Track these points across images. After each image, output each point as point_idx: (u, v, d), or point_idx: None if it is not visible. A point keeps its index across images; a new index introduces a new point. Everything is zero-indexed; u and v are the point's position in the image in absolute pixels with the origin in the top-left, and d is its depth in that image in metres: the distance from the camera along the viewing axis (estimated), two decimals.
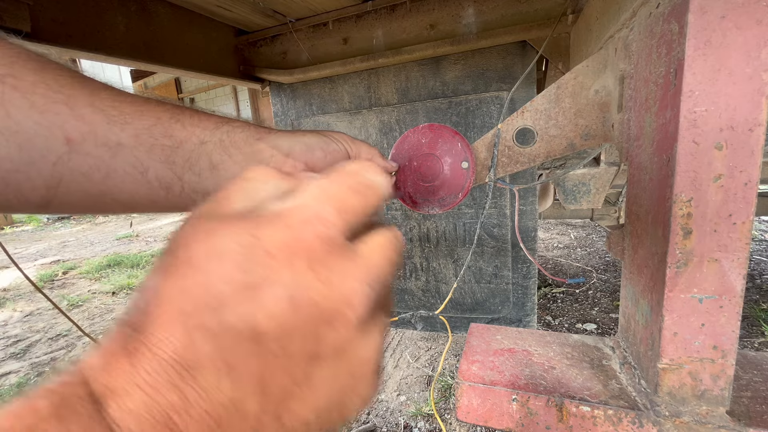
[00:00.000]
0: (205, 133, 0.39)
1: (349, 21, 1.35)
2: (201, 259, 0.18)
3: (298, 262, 0.18)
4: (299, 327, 0.18)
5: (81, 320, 2.55)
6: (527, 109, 0.61)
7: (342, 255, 0.19)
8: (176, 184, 0.37)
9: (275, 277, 0.18)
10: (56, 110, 0.30)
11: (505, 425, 0.50)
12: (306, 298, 0.18)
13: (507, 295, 1.59)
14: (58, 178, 0.31)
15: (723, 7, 0.35)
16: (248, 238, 0.18)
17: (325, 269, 0.18)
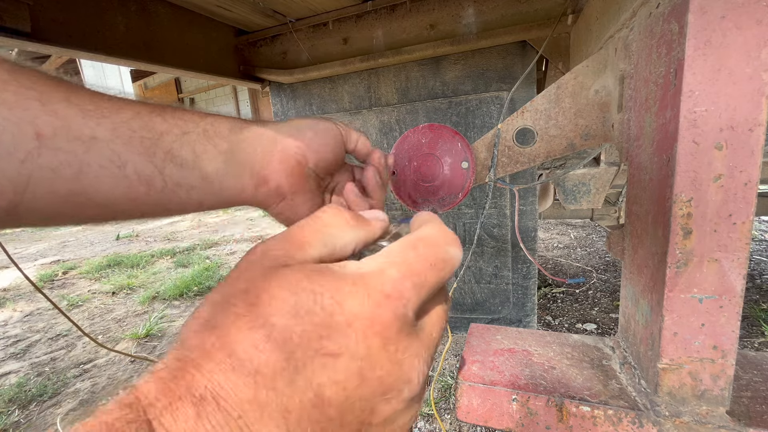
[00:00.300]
0: (188, 124, 0.37)
1: (349, 21, 1.35)
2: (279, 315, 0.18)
3: (373, 340, 0.18)
4: (361, 400, 0.18)
5: (81, 320, 2.55)
6: (527, 109, 0.61)
7: (411, 334, 0.20)
8: (157, 178, 0.35)
9: (350, 350, 0.18)
10: (27, 106, 0.28)
11: (505, 425, 0.50)
12: (374, 375, 0.18)
13: (507, 296, 1.59)
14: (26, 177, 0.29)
15: (723, 7, 0.35)
16: (330, 302, 0.18)
17: (396, 350, 0.19)
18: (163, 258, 3.90)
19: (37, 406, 1.72)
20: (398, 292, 0.19)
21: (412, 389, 0.20)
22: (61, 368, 1.99)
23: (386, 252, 0.21)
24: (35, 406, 1.73)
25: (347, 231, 0.23)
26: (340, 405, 0.18)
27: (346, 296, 0.18)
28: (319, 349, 0.18)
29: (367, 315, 0.18)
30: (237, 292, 0.19)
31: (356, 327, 0.18)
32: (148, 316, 2.49)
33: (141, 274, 3.42)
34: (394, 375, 0.19)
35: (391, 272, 0.20)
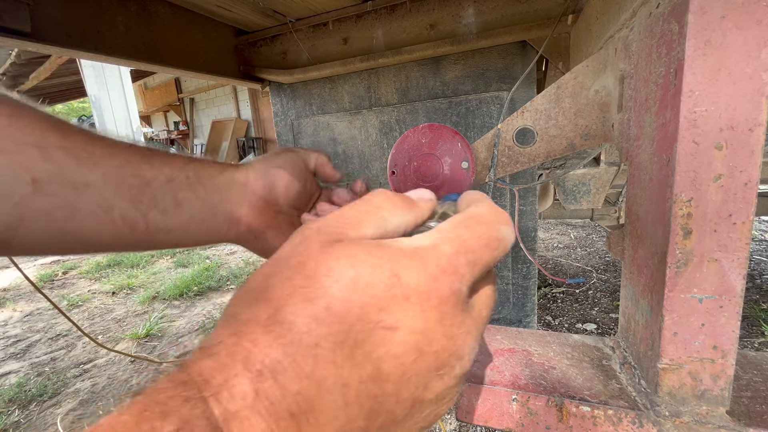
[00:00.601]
0: (174, 171, 0.40)
1: (349, 21, 1.35)
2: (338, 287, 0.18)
3: (430, 313, 0.18)
4: (417, 375, 0.18)
5: (81, 320, 2.55)
6: (527, 109, 0.61)
7: (464, 310, 0.20)
8: (140, 222, 0.38)
9: (408, 323, 0.18)
10: (26, 152, 0.30)
11: (505, 425, 0.50)
12: (430, 350, 0.18)
13: (507, 296, 1.59)
14: (18, 218, 0.30)
15: (723, 7, 0.35)
16: (389, 275, 0.18)
17: (451, 325, 0.19)
18: (163, 258, 3.90)
19: (37, 406, 1.72)
20: (453, 267, 0.19)
21: (463, 366, 0.20)
22: (61, 368, 1.99)
23: (439, 229, 0.21)
24: (35, 406, 1.73)
25: (397, 213, 0.23)
26: (398, 380, 0.18)
27: (403, 269, 0.18)
28: (378, 322, 0.17)
29: (424, 288, 0.18)
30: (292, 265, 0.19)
31: (414, 300, 0.18)
32: (148, 316, 2.49)
33: (141, 274, 3.42)
34: (449, 350, 0.19)
35: (445, 248, 0.20)
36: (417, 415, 0.20)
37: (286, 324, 0.17)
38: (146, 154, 0.38)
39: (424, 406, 0.19)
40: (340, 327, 0.17)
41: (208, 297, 2.83)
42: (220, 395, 0.16)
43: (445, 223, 0.22)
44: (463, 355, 0.20)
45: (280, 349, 0.17)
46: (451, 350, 0.19)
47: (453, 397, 0.21)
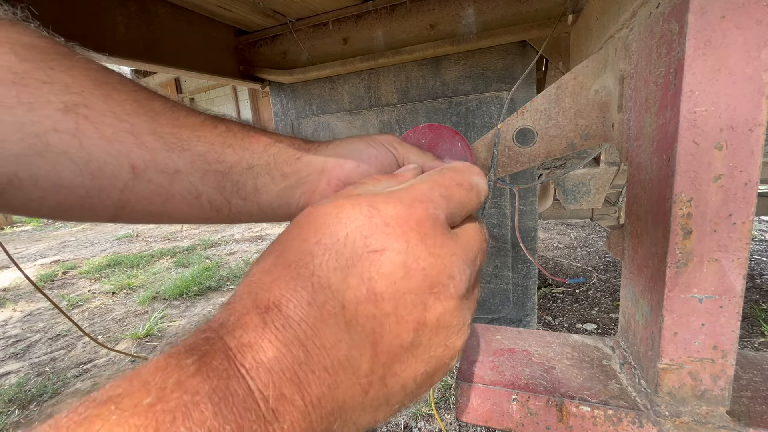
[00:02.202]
0: (254, 157, 0.41)
1: (349, 21, 1.35)
2: (327, 226, 0.20)
3: (411, 234, 0.20)
4: (410, 291, 0.20)
5: (81, 320, 2.55)
6: (527, 109, 0.61)
7: (445, 234, 0.22)
8: (225, 206, 0.40)
9: (393, 245, 0.20)
10: (122, 139, 0.31)
11: (505, 425, 0.50)
12: (417, 266, 0.20)
13: (507, 295, 1.59)
14: (124, 202, 0.33)
15: (723, 7, 0.35)
16: (368, 208, 0.21)
17: (434, 245, 0.21)
18: (163, 258, 3.90)
19: (37, 406, 1.72)
20: (427, 197, 0.22)
21: (457, 286, 0.21)
22: (61, 368, 1.99)
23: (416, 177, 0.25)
24: (35, 406, 1.73)
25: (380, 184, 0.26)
26: (392, 297, 0.19)
27: (380, 203, 0.21)
28: (365, 247, 0.19)
29: (402, 215, 0.21)
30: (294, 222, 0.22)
31: (393, 225, 0.20)
32: (148, 316, 2.49)
33: (141, 274, 3.42)
34: (437, 267, 0.20)
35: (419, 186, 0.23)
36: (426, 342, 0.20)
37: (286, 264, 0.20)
38: (228, 137, 0.39)
39: (428, 330, 0.20)
40: (331, 255, 0.19)
41: (208, 297, 2.83)
42: (235, 332, 0.18)
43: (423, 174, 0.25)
44: (454, 275, 0.21)
45: (283, 286, 0.19)
46: (438, 267, 0.20)
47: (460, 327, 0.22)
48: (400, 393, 0.21)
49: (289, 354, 0.18)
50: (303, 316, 0.18)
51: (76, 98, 0.29)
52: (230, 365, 0.17)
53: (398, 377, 0.20)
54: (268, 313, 0.18)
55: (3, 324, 2.54)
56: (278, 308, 0.18)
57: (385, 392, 0.20)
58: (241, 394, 0.16)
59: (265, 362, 0.17)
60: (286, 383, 0.17)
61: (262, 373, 0.17)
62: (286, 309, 0.18)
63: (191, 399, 0.15)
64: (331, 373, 0.18)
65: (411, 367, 0.21)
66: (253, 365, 0.17)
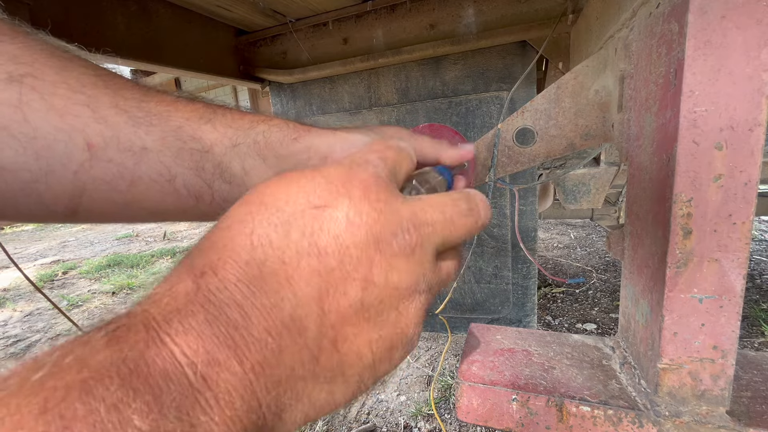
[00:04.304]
0: (238, 134, 0.35)
1: (349, 21, 1.35)
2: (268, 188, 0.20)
3: (354, 191, 0.20)
4: (355, 246, 0.19)
5: (81, 320, 2.55)
6: (527, 109, 0.61)
7: (390, 192, 0.21)
8: (206, 193, 0.35)
9: (335, 201, 0.19)
10: (77, 112, 0.27)
11: (505, 425, 0.50)
12: (361, 221, 0.19)
13: (507, 296, 1.59)
14: (80, 188, 0.29)
15: (723, 7, 0.35)
16: (311, 172, 0.20)
17: (377, 199, 0.20)
18: (163, 258, 3.90)
19: None
20: (365, 160, 0.22)
21: (401, 244, 0.20)
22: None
23: None
24: None
25: None
26: (336, 252, 0.19)
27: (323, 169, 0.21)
28: (308, 204, 0.19)
29: (344, 173, 0.21)
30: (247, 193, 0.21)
31: (336, 183, 0.20)
32: None
33: (141, 274, 3.42)
34: (380, 223, 0.20)
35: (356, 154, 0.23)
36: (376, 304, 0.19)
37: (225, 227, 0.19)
38: (206, 112, 0.34)
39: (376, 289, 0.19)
40: (272, 213, 0.19)
41: None
42: (161, 301, 0.16)
43: None
44: (396, 232, 0.20)
45: (220, 247, 0.18)
46: (381, 223, 0.20)
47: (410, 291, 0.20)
48: (356, 363, 0.20)
49: (223, 317, 0.16)
50: (240, 276, 0.17)
51: (24, 68, 0.26)
52: (149, 334, 0.15)
53: (351, 342, 0.19)
54: (203, 277, 0.17)
55: (3, 324, 2.54)
56: (213, 271, 0.17)
57: (339, 359, 0.19)
58: (159, 363, 0.14)
59: (195, 327, 0.15)
60: (219, 347, 0.15)
61: (191, 338, 0.15)
62: (222, 271, 0.17)
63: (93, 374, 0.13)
64: (274, 335, 0.17)
65: (363, 331, 0.19)
66: (180, 330, 0.15)
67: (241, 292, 0.17)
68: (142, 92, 0.31)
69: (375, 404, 1.46)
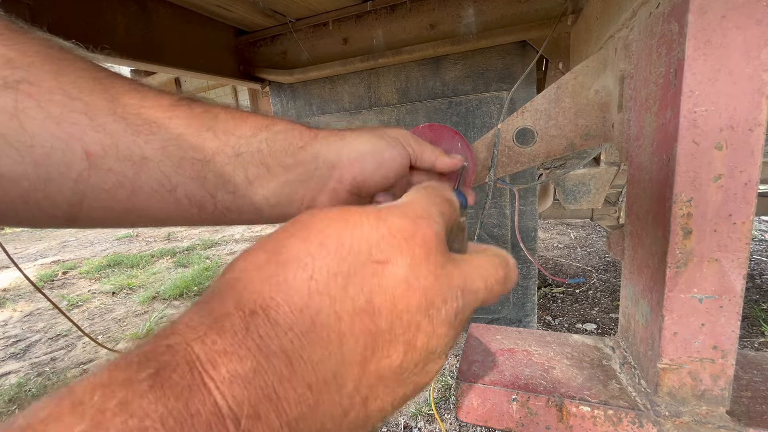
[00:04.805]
0: (240, 142, 0.34)
1: (349, 21, 1.35)
2: (333, 229, 0.19)
3: (416, 249, 0.19)
4: (408, 310, 0.19)
5: (81, 320, 2.55)
6: (527, 109, 0.61)
7: (445, 253, 0.21)
8: (209, 202, 0.34)
9: (397, 258, 0.19)
10: (74, 120, 0.27)
11: (505, 425, 0.50)
12: (419, 285, 0.19)
13: (507, 295, 1.59)
14: (80, 196, 0.29)
15: (723, 7, 0.35)
16: (375, 218, 0.19)
17: (436, 264, 0.20)
18: (163, 258, 3.90)
19: None
20: (428, 213, 0.21)
21: (448, 311, 0.20)
22: (61, 368, 1.99)
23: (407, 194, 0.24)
24: None
25: None
26: (389, 314, 0.18)
27: (387, 214, 0.20)
28: (369, 256, 0.18)
29: (409, 228, 0.20)
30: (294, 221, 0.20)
31: (400, 238, 0.19)
32: (148, 316, 2.49)
33: (141, 274, 3.42)
34: (434, 289, 0.19)
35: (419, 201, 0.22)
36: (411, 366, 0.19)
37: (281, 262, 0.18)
38: (207, 119, 0.33)
39: (416, 353, 0.19)
40: (333, 260, 0.18)
41: None
42: (206, 338, 0.15)
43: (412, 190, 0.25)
44: (447, 299, 0.20)
45: (274, 287, 0.17)
46: (436, 289, 0.19)
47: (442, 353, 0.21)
48: (377, 416, 0.20)
49: (271, 367, 0.15)
50: (293, 324, 0.16)
51: (20, 73, 0.25)
52: (194, 379, 0.14)
53: (380, 400, 0.19)
54: (253, 317, 0.16)
55: (3, 324, 2.54)
56: (266, 312, 0.16)
57: (365, 415, 0.19)
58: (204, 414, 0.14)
59: (242, 375, 0.15)
60: (262, 401, 0.15)
61: (237, 388, 0.15)
62: (275, 314, 0.16)
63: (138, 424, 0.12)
64: (315, 391, 0.16)
65: (393, 391, 0.20)
66: (226, 378, 0.14)
67: (291, 341, 0.16)
68: (140, 96, 0.30)
69: None
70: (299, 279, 0.17)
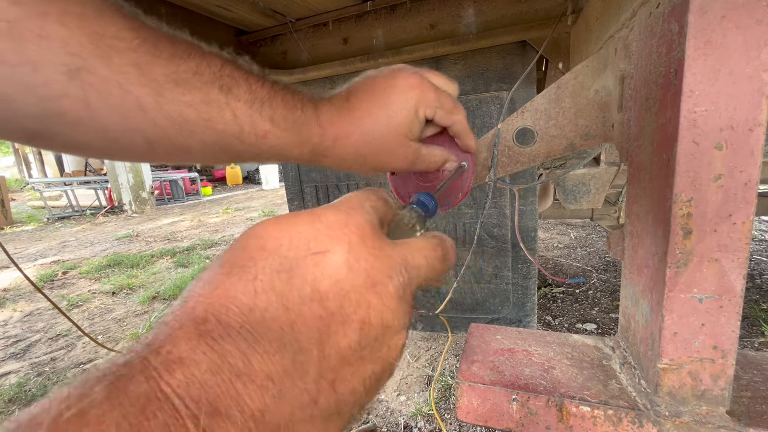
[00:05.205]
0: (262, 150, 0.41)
1: (349, 21, 1.35)
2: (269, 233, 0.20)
3: (352, 236, 0.21)
4: (354, 290, 0.20)
5: (81, 320, 2.55)
6: (527, 109, 0.61)
7: (382, 238, 0.23)
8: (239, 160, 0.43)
9: (335, 246, 0.20)
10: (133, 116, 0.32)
11: (505, 425, 0.50)
12: (360, 266, 0.20)
13: (507, 295, 1.59)
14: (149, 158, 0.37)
15: (723, 7, 0.35)
16: (308, 216, 0.21)
17: (373, 245, 0.22)
18: (163, 258, 3.90)
19: None
20: (359, 205, 0.24)
21: (395, 285, 0.21)
22: (61, 368, 1.99)
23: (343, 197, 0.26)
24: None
25: None
26: (336, 296, 0.19)
27: (320, 213, 0.22)
28: (308, 250, 0.20)
29: (342, 220, 0.22)
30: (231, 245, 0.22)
31: (335, 228, 0.21)
32: (148, 316, 2.49)
33: (141, 274, 3.42)
34: (376, 267, 0.21)
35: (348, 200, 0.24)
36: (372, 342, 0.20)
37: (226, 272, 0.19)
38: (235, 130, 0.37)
39: (373, 329, 0.20)
40: (274, 259, 0.19)
41: None
42: (162, 348, 0.16)
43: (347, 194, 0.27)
44: (392, 275, 0.21)
45: (223, 293, 0.18)
46: (377, 267, 0.21)
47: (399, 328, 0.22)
48: (350, 399, 0.20)
49: (227, 365, 0.16)
50: (243, 323, 0.17)
51: (77, 61, 0.27)
52: (150, 386, 0.15)
53: (348, 381, 0.20)
54: (205, 323, 0.17)
55: (3, 324, 2.54)
56: (217, 317, 0.17)
57: (336, 399, 0.19)
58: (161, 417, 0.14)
59: (198, 377, 0.15)
60: (221, 397, 0.15)
61: (193, 389, 0.15)
62: (225, 317, 0.17)
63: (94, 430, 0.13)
64: (276, 381, 0.17)
65: (359, 369, 0.20)
66: (183, 382, 0.15)
67: (244, 339, 0.17)
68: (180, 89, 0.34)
69: (375, 404, 1.46)
70: (244, 281, 0.18)
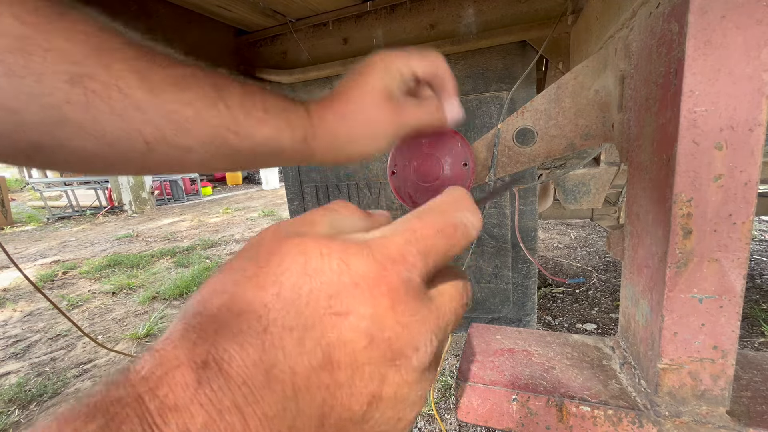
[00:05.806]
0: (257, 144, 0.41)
1: (349, 21, 1.35)
2: (288, 274, 0.18)
3: (380, 300, 0.18)
4: (370, 363, 0.18)
5: (81, 320, 2.55)
6: (527, 109, 0.61)
7: (419, 300, 0.19)
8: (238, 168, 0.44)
9: (358, 309, 0.18)
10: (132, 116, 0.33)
11: (505, 425, 0.50)
12: (382, 336, 0.18)
13: (507, 295, 1.59)
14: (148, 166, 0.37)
15: (723, 7, 0.35)
16: (338, 262, 0.18)
17: (403, 312, 0.18)
18: (163, 258, 3.90)
19: (37, 406, 1.72)
20: (402, 257, 0.19)
21: (420, 359, 0.19)
22: (61, 368, 1.99)
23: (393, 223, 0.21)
24: (35, 406, 1.73)
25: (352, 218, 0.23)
26: (349, 367, 0.17)
27: (352, 257, 0.18)
28: (328, 308, 0.17)
29: (373, 276, 0.18)
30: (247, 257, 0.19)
31: (363, 287, 0.18)
32: (148, 316, 2.49)
33: (141, 274, 3.42)
34: (402, 339, 0.18)
35: (394, 238, 0.20)
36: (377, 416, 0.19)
37: (235, 312, 0.17)
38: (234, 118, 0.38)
39: (383, 404, 0.18)
40: (289, 313, 0.17)
41: None
42: (158, 390, 0.15)
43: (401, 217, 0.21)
44: (419, 347, 0.19)
45: (228, 338, 0.16)
46: (404, 339, 0.18)
47: (416, 400, 0.20)
48: None
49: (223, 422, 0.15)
50: (246, 378, 0.16)
51: (80, 68, 0.29)
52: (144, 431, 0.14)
53: None
54: (206, 369, 0.16)
55: (3, 324, 2.54)
56: (218, 365, 0.16)
57: None
58: None
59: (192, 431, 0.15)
60: None
61: None
62: (227, 367, 0.16)
63: None
64: None
65: None
66: None
67: (244, 396, 0.16)
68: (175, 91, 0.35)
69: None
70: (253, 331, 0.17)
